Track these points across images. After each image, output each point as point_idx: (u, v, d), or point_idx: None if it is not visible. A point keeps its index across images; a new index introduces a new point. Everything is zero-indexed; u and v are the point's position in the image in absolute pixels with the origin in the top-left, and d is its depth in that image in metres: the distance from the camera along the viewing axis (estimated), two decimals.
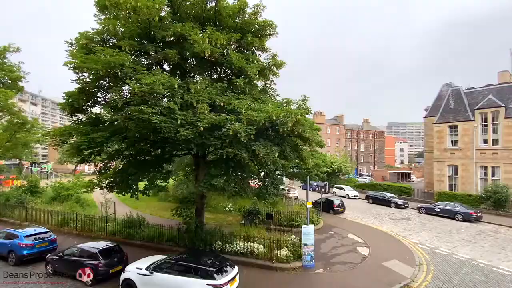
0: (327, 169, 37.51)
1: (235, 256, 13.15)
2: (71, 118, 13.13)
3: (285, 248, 13.41)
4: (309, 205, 14.88)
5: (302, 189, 38.95)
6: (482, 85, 31.86)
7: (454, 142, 30.94)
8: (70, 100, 11.86)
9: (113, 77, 10.74)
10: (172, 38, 11.66)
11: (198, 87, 10.28)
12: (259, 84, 14.28)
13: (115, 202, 22.24)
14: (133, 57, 11.87)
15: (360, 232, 18.81)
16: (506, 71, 33.43)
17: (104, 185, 13.27)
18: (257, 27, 12.46)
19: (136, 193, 13.56)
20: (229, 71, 12.94)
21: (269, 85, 14.50)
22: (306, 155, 13.70)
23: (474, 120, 29.18)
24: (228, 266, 10.24)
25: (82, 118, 13.30)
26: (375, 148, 78.89)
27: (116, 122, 11.65)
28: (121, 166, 14.22)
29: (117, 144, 12.41)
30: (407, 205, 28.92)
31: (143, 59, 12.86)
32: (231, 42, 11.93)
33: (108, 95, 12.03)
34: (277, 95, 14.62)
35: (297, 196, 31.78)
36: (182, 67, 12.57)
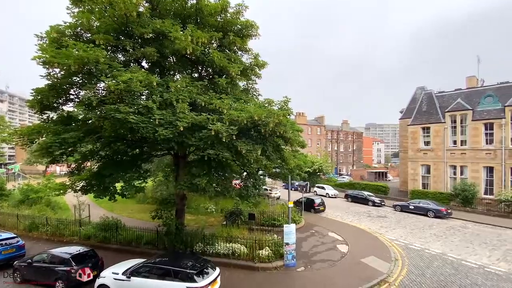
0: (308, 169, 38.13)
1: (217, 257, 13.02)
2: (40, 116, 12.31)
3: (267, 248, 13.46)
4: (291, 205, 15.05)
5: (284, 188, 39.30)
6: (452, 89, 33.89)
7: (427, 143, 32.65)
8: (39, 97, 11.11)
9: (87, 74, 10.21)
10: (151, 35, 11.29)
11: (178, 86, 10.01)
12: (241, 84, 14.20)
13: (89, 204, 21.22)
14: (109, 53, 11.37)
15: (339, 230, 19.28)
16: (473, 76, 35.77)
17: (78, 188, 12.58)
18: (239, 27, 12.36)
19: (114, 195, 12.97)
20: (210, 70, 12.75)
21: (251, 85, 14.46)
22: (288, 155, 13.83)
23: (444, 122, 30.96)
24: (209, 268, 10.09)
25: (52, 117, 12.52)
26: (354, 148, 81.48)
27: (90, 121, 11.07)
28: (96, 167, 13.53)
29: (91, 144, 11.82)
30: (383, 203, 30.11)
31: (120, 56, 12.36)
32: (213, 41, 11.76)
33: (82, 93, 11.42)
34: (259, 95, 14.64)
35: (279, 196, 32.03)
36: (162, 65, 12.22)
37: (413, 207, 26.25)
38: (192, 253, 13.04)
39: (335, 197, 35.34)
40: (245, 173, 14.38)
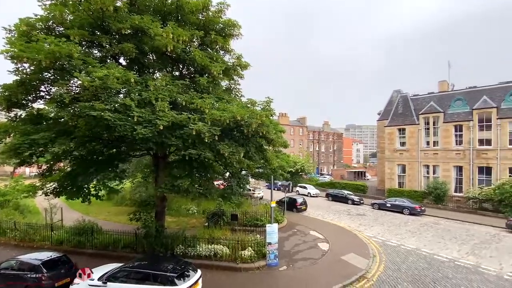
0: (290, 169, 38.69)
1: (199, 259, 12.84)
2: (7, 114, 11.51)
3: (249, 248, 13.45)
4: (273, 204, 15.14)
5: (267, 188, 39.50)
6: (426, 92, 35.71)
7: (402, 144, 34.16)
8: (6, 94, 10.40)
9: (59, 69, 9.68)
10: (129, 31, 10.90)
11: (158, 84, 9.72)
12: (224, 83, 14.07)
13: (62, 207, 20.10)
14: (83, 48, 10.84)
15: (320, 228, 19.67)
16: (445, 81, 37.89)
17: (49, 190, 11.87)
18: (221, 25, 12.24)
19: (88, 197, 12.37)
20: (192, 69, 12.51)
21: (233, 85, 14.37)
22: (271, 156, 13.91)
23: (418, 124, 32.55)
24: (190, 271, 9.92)
25: (21, 114, 11.73)
26: (335, 148, 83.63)
27: (62, 120, 10.47)
28: (68, 167, 12.83)
29: (64, 145, 11.20)
30: (362, 201, 31.11)
31: (96, 51, 11.82)
32: (194, 39, 11.55)
33: (53, 89, 10.80)
34: (242, 95, 14.57)
35: (262, 196, 32.14)
36: (141, 62, 11.81)
37: (390, 205, 27.35)
38: (173, 256, 12.75)
39: (317, 196, 36.02)
40: (228, 173, 14.28)
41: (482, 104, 28.22)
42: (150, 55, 12.27)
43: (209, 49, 12.58)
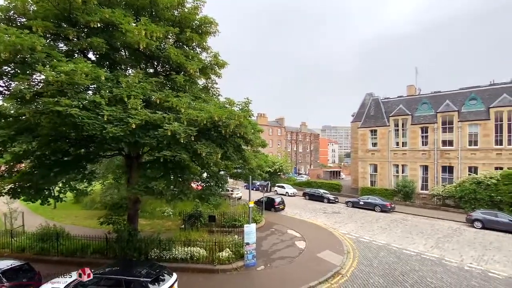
0: (269, 169, 38.91)
1: (174, 263, 12.49)
2: None
3: (227, 249, 13.33)
4: (252, 205, 15.14)
5: (246, 189, 39.43)
6: (396, 96, 37.78)
7: (374, 144, 35.85)
8: None
9: (20, 63, 8.91)
10: (99, 25, 10.32)
11: (130, 81, 9.27)
12: (201, 82, 13.79)
13: (23, 212, 18.58)
14: (48, 41, 10.07)
15: (298, 227, 20.01)
16: (412, 85, 40.36)
17: (5, 191, 10.88)
18: (197, 23, 11.95)
19: (48, 199, 11.50)
20: (167, 67, 12.09)
21: (211, 84, 14.12)
22: (249, 156, 13.86)
23: (389, 126, 34.37)
24: (165, 275, 9.60)
25: None
26: (311, 149, 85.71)
27: (24, 117, 9.65)
28: (28, 168, 11.83)
29: (26, 144, 10.32)
30: (337, 200, 32.16)
31: (62, 45, 11.04)
32: (169, 36, 11.20)
33: (13, 84, 9.93)
34: (220, 94, 14.36)
35: (241, 196, 32.05)
36: (111, 58, 11.22)
37: (363, 203, 28.55)
38: (147, 260, 12.29)
39: (294, 196, 36.64)
40: (205, 174, 14.01)
41: (445, 108, 30.43)
42: (122, 51, 11.71)
43: (185, 47, 12.24)
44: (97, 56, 11.48)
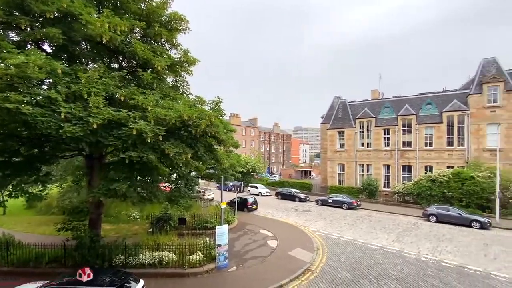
0: (242, 169, 38.90)
1: (142, 268, 11.90)
2: None
3: (198, 252, 13.01)
4: (224, 205, 14.96)
5: (218, 190, 38.98)
6: (361, 99, 39.96)
7: (342, 145, 37.57)
8: None
9: None
10: (57, 14, 9.49)
11: (91, 76, 8.60)
12: (170, 80, 13.27)
13: None
14: None
15: (270, 226, 20.22)
16: (376, 90, 43.00)
17: None
18: (167, 18, 11.47)
19: None
20: (133, 62, 11.44)
21: (180, 82, 13.66)
22: (221, 156, 13.66)
23: (355, 127, 36.26)
24: (131, 281, 9.09)
25: None
26: (284, 149, 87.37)
27: None
28: None
29: None
30: (308, 198, 33.13)
31: (13, 34, 9.97)
32: (135, 30, 10.62)
33: None
34: (190, 93, 13.94)
35: (213, 198, 31.59)
36: (70, 51, 10.35)
37: (331, 201, 29.73)
38: (111, 267, 11.54)
39: (267, 195, 37.00)
40: (175, 175, 13.49)
41: (405, 112, 32.86)
42: (83, 43, 10.86)
43: (153, 42, 11.68)
44: (54, 48, 10.53)
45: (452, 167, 28.69)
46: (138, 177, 11.03)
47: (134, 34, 10.91)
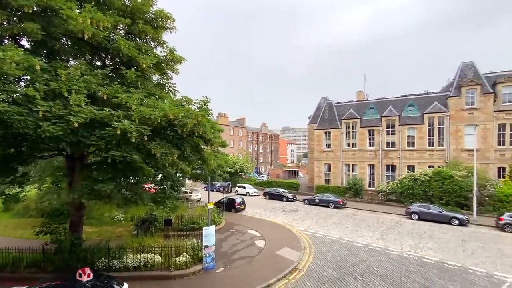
0: (230, 169, 38.71)
1: (126, 271, 11.61)
2: None
3: (184, 253, 12.83)
4: (211, 206, 14.84)
5: (205, 190, 38.61)
6: (347, 100, 40.76)
7: (328, 145, 38.19)
8: None
9: None
10: (36, 9, 9.08)
11: (72, 74, 8.27)
12: (155, 78, 12.98)
13: None
14: None
15: (258, 226, 20.24)
16: (361, 91, 44.00)
17: None
18: (152, 15, 11.21)
19: None
20: (117, 60, 11.10)
21: (166, 80, 13.39)
22: (209, 156, 13.50)
23: (341, 128, 36.95)
24: (114, 285, 8.92)
25: None
26: (272, 149, 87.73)
27: None
28: None
29: None
30: (295, 198, 33.44)
31: None
32: (119, 27, 10.29)
33: None
34: (177, 91, 13.69)
35: (200, 198, 31.25)
36: (49, 47, 9.92)
37: (318, 200, 30.15)
38: (94, 271, 11.15)
39: (255, 195, 37.03)
40: (160, 176, 13.20)
41: (388, 113, 33.82)
42: (63, 39, 10.43)
43: (138, 40, 11.37)
44: (32, 43, 10.06)
45: (433, 166, 29.80)
46: (122, 179, 10.70)
47: (118, 31, 10.57)
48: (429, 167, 30.14)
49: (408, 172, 30.95)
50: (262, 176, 59.55)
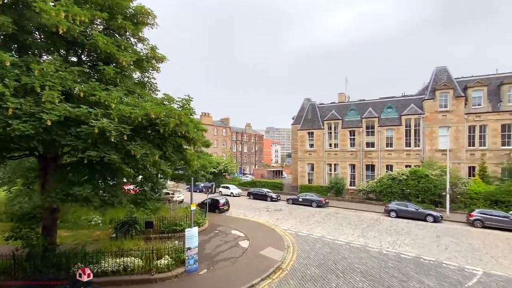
0: (213, 170, 38.40)
1: (104, 276, 11.17)
2: None
3: (166, 256, 12.54)
4: (194, 207, 14.60)
5: (188, 191, 37.99)
6: (329, 102, 41.68)
7: (311, 145, 38.86)
8: None
9: None
10: (6, 1, 8.52)
11: (45, 69, 7.81)
12: (136, 76, 12.57)
13: None
14: None
15: (242, 227, 20.18)
16: (343, 93, 45.11)
17: None
18: (132, 11, 10.84)
19: None
20: (95, 56, 10.62)
21: (147, 79, 13.00)
22: (191, 156, 13.24)
23: (323, 129, 37.73)
24: None
25: None
26: (256, 149, 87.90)
27: None
28: None
29: None
30: (279, 198, 33.70)
31: None
32: (97, 22, 9.86)
33: None
34: (158, 90, 13.32)
35: (183, 199, 30.68)
36: (20, 41, 9.33)
37: (301, 200, 30.57)
38: (69, 277, 10.62)
39: (239, 196, 36.91)
40: (140, 177, 12.78)
41: (368, 114, 34.94)
42: (36, 33, 9.85)
43: (117, 36, 10.95)
44: (2, 37, 9.42)
45: (409, 166, 31.14)
46: (100, 180, 10.24)
47: (95, 26, 10.11)
48: (406, 166, 31.45)
49: (386, 172, 32.11)
50: (247, 176, 59.47)
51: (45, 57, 10.29)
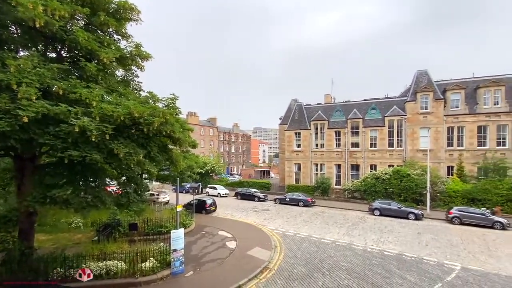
0: (200, 170, 37.94)
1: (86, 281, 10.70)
2: None
3: (151, 258, 12.25)
4: (179, 209, 14.35)
5: (174, 192, 37.37)
6: (316, 103, 42.26)
7: (298, 146, 39.27)
8: None
9: None
10: None
11: (22, 65, 7.43)
12: (119, 73, 12.19)
13: None
14: None
15: (229, 227, 20.06)
16: (329, 94, 45.92)
17: None
18: (115, 6, 10.52)
19: None
20: (75, 52, 10.20)
21: (131, 77, 12.64)
22: (177, 157, 13.01)
23: (310, 129, 38.22)
24: None
25: None
26: (243, 149, 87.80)
27: None
28: None
29: None
30: (267, 198, 33.79)
31: None
32: (77, 17, 9.48)
33: None
34: (142, 89, 12.98)
35: (169, 200, 30.16)
36: None
37: (288, 199, 30.80)
38: (47, 283, 10.17)
39: (227, 196, 36.69)
40: (124, 178, 12.41)
41: (353, 115, 35.73)
42: (12, 27, 9.36)
43: (99, 32, 10.58)
44: None
45: (392, 165, 32.09)
46: (81, 182, 9.85)
47: (76, 21, 9.72)
48: (389, 166, 32.40)
49: (370, 171, 32.95)
50: (234, 177, 59.26)
51: (22, 52, 9.80)
